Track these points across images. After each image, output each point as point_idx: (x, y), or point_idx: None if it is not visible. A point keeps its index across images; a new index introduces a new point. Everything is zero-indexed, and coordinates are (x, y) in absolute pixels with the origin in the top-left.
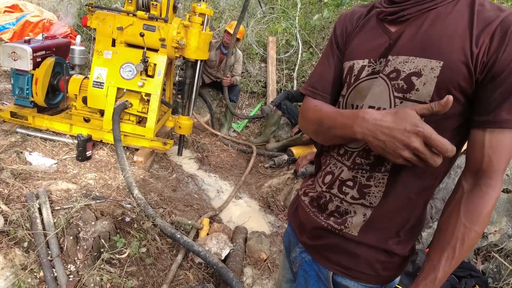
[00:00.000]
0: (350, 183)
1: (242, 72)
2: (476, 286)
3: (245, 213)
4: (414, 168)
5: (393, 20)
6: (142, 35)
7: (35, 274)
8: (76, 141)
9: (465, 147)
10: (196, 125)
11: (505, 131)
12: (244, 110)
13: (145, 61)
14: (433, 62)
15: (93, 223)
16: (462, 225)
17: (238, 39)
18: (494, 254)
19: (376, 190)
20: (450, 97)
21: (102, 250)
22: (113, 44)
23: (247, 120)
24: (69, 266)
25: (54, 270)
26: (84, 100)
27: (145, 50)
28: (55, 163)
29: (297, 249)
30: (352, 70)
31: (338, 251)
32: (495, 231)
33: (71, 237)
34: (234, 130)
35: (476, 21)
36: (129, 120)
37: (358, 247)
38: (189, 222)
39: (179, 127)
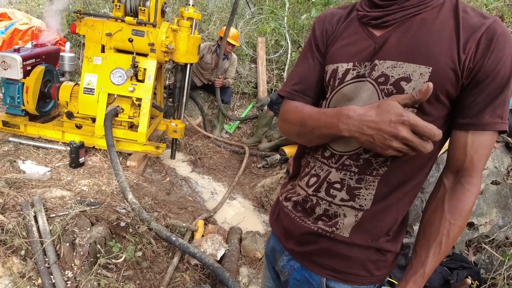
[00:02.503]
0: (337, 186)
1: (234, 74)
2: (468, 277)
3: (240, 214)
4: (403, 168)
5: (377, 24)
6: (131, 40)
7: (33, 281)
8: (68, 148)
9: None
10: (188, 128)
11: (486, 133)
12: (235, 111)
13: (134, 66)
14: (422, 67)
15: (88, 229)
16: (447, 221)
17: (233, 46)
18: (484, 245)
19: (366, 192)
20: (430, 84)
21: (98, 255)
22: (103, 50)
23: (239, 121)
24: (66, 273)
25: (52, 277)
26: (69, 115)
27: (134, 55)
28: (48, 171)
29: (284, 258)
30: (336, 73)
31: (330, 255)
32: (486, 222)
33: (67, 244)
34: (226, 132)
35: (462, 28)
36: (121, 125)
37: (350, 249)
38: (184, 224)
39: (173, 131)
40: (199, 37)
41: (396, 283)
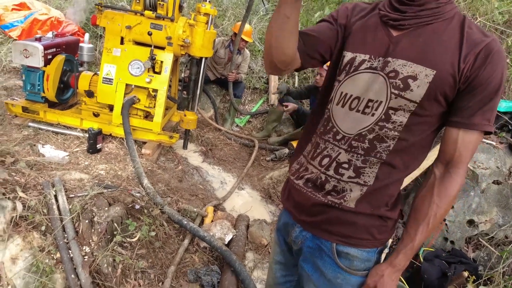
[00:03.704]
0: (345, 165)
1: (247, 70)
2: (466, 271)
3: (247, 203)
4: (402, 155)
5: (394, 25)
6: (150, 33)
7: (52, 255)
8: (86, 135)
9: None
10: (201, 120)
11: (475, 132)
12: (246, 106)
13: (152, 58)
14: (428, 70)
15: (106, 208)
16: (435, 205)
17: (246, 42)
18: (483, 242)
19: (370, 171)
20: None
21: (115, 233)
22: (122, 42)
23: (249, 115)
24: (84, 248)
25: (70, 251)
26: (90, 94)
27: (152, 48)
28: (67, 155)
29: (296, 229)
30: (353, 61)
31: (338, 223)
32: (486, 220)
33: (86, 221)
34: (237, 125)
35: (465, 42)
36: (137, 115)
37: (355, 217)
38: (195, 209)
39: (186, 122)
40: (214, 32)
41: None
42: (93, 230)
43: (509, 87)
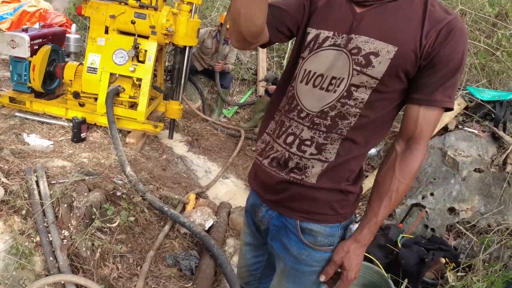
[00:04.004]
0: (308, 142)
1: (234, 60)
2: (445, 258)
3: (231, 191)
4: (363, 132)
5: (359, 2)
6: (133, 22)
7: (32, 238)
8: (71, 124)
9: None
10: (188, 111)
11: (436, 109)
12: (234, 97)
13: (136, 47)
14: (390, 46)
15: (86, 194)
16: (397, 180)
17: None
18: (462, 229)
19: (331, 147)
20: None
21: (93, 217)
22: (106, 32)
23: (237, 106)
24: (63, 232)
25: (49, 235)
26: (76, 95)
27: (136, 37)
28: (51, 144)
29: (263, 209)
30: (317, 38)
31: (300, 199)
32: (467, 208)
33: (65, 205)
34: (225, 116)
35: (428, 19)
36: (122, 104)
37: (317, 192)
38: (176, 196)
39: (169, 111)
40: (198, 21)
41: (374, 259)
42: (72, 215)
43: (496, 77)
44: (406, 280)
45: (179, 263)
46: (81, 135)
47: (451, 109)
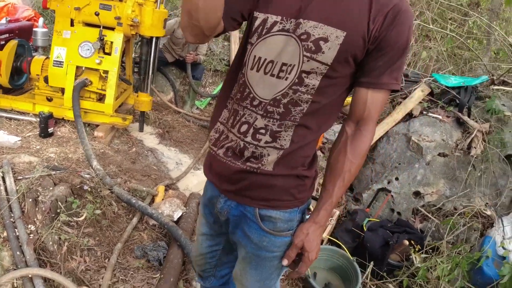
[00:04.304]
0: (262, 131)
1: (206, 51)
2: (410, 240)
3: (202, 182)
4: (315, 117)
5: None
6: (97, 14)
7: None
8: (38, 119)
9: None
10: (160, 103)
11: (383, 91)
12: (207, 88)
13: (101, 39)
14: (338, 31)
15: (51, 188)
16: (349, 161)
17: None
18: (427, 214)
19: (285, 134)
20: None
21: (58, 211)
22: (72, 24)
23: (210, 97)
24: (29, 226)
25: (16, 230)
26: (46, 79)
27: (101, 28)
28: (19, 140)
29: (221, 200)
30: (265, 22)
31: (258, 187)
32: (432, 192)
33: (30, 200)
34: (197, 108)
35: (374, 2)
36: (89, 97)
37: (274, 179)
38: (144, 189)
39: (138, 103)
40: (165, 12)
41: (341, 244)
42: (37, 209)
43: (466, 64)
44: (372, 262)
45: (147, 254)
46: (49, 130)
47: (398, 91)
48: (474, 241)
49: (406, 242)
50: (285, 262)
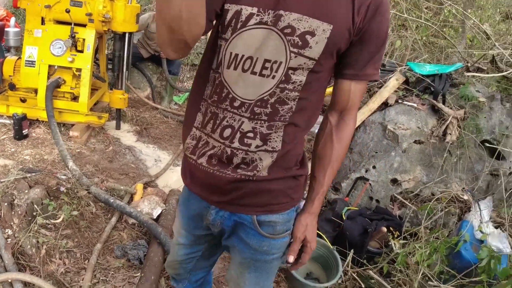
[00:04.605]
0: (251, 134)
1: None
2: (386, 227)
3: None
4: (303, 114)
5: None
6: (68, 11)
7: None
8: (13, 121)
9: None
10: (136, 100)
11: (364, 82)
12: (185, 83)
13: (73, 36)
14: (325, 24)
15: (26, 191)
16: (336, 150)
17: None
18: (401, 199)
19: (276, 136)
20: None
21: (34, 214)
22: (43, 23)
23: (188, 92)
24: (6, 231)
25: None
26: (11, 87)
27: (72, 26)
28: None
29: (212, 212)
30: (239, 15)
31: (254, 194)
32: (409, 179)
33: (6, 204)
34: (176, 103)
35: None
36: (63, 97)
37: (271, 184)
38: (122, 187)
39: (113, 101)
40: (137, 6)
41: (321, 233)
42: (13, 213)
43: (442, 53)
44: (352, 250)
45: (127, 253)
46: (23, 131)
47: (377, 81)
48: (452, 225)
49: (384, 229)
50: (291, 258)
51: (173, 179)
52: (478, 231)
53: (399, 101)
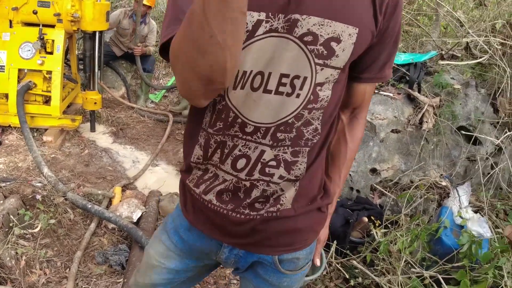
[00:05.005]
0: (273, 163)
1: (157, 41)
2: (367, 217)
3: (162, 179)
4: (326, 130)
5: None
6: (35, 12)
7: None
8: None
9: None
10: (111, 100)
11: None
12: (161, 80)
13: (41, 38)
14: (350, 28)
15: (1, 201)
16: (350, 149)
17: (149, 7)
18: (380, 189)
19: (300, 161)
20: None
21: (11, 225)
22: (11, 25)
23: (164, 90)
24: None
25: None
26: None
27: (40, 27)
28: None
29: (225, 250)
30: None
31: (279, 235)
32: (388, 168)
33: None
34: (152, 101)
35: None
36: (35, 101)
37: (296, 221)
38: (99, 192)
39: (88, 102)
40: (106, 4)
41: None
42: None
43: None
44: (335, 242)
45: (108, 259)
46: None
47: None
48: (432, 212)
49: (365, 219)
50: (318, 262)
51: (152, 180)
52: (458, 217)
53: (375, 91)
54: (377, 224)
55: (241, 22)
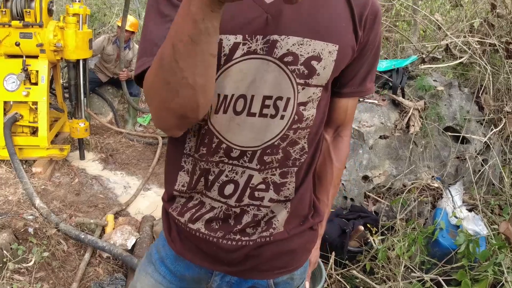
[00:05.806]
0: (262, 186)
1: None
2: (362, 225)
3: (154, 203)
4: (313, 148)
5: None
6: (17, 44)
7: None
8: None
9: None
10: (99, 126)
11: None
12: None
13: (25, 69)
14: (330, 45)
15: None
16: (336, 168)
17: (133, 32)
18: (374, 196)
19: (289, 182)
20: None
21: (5, 260)
22: None
23: None
24: None
25: None
26: None
27: (24, 58)
28: None
29: (216, 278)
30: (220, 47)
31: (273, 259)
32: (380, 174)
33: None
34: (141, 125)
35: (353, 5)
36: (22, 132)
37: (290, 243)
38: (92, 221)
39: (76, 131)
40: (88, 32)
41: None
42: None
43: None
44: (333, 253)
45: None
46: None
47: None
48: (426, 214)
49: (361, 228)
50: (308, 284)
51: (145, 205)
52: (453, 217)
53: (360, 99)
54: (373, 231)
55: (212, 64)
